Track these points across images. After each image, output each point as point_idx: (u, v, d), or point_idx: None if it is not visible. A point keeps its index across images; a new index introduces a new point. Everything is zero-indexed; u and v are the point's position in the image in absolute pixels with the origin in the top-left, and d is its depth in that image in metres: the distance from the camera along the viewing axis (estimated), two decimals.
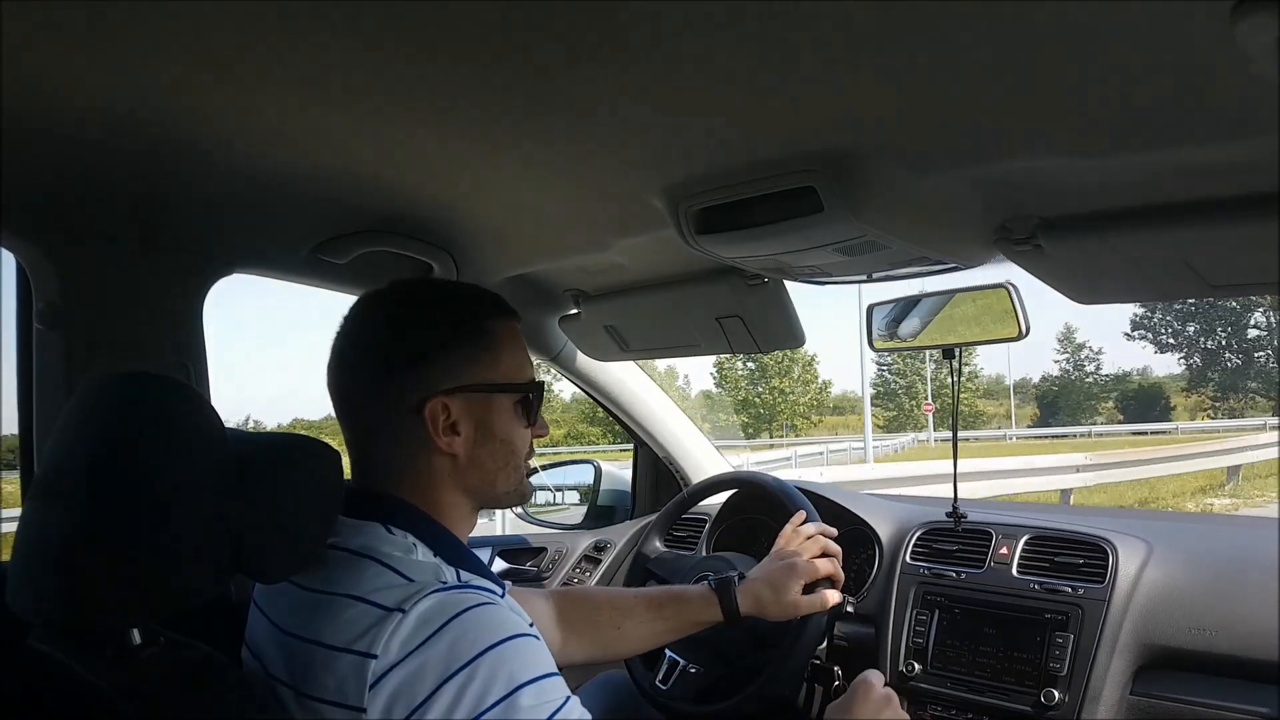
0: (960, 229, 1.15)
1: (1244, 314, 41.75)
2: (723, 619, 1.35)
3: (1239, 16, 0.60)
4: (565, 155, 1.04)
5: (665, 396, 2.22)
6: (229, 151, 1.02)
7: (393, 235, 1.37)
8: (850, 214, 1.01)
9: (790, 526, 1.46)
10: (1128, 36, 0.68)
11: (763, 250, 1.17)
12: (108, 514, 0.71)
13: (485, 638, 0.77)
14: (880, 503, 1.85)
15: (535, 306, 1.83)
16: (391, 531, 0.87)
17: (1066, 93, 0.79)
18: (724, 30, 0.71)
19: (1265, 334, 42.05)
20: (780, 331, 1.61)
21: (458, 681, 0.74)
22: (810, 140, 0.95)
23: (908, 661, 1.53)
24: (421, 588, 0.80)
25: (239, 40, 0.75)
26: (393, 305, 0.95)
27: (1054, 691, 1.35)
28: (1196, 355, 44.26)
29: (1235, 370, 42.87)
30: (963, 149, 0.94)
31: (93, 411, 0.76)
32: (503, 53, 0.77)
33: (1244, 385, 42.70)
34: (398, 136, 0.99)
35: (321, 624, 0.81)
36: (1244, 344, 42.89)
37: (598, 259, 1.50)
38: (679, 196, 1.11)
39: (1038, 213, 1.10)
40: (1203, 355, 43.97)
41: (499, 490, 0.96)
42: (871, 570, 1.67)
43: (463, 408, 0.91)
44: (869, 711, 1.13)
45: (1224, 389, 43.42)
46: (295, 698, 0.81)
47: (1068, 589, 1.42)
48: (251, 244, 1.39)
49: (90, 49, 0.77)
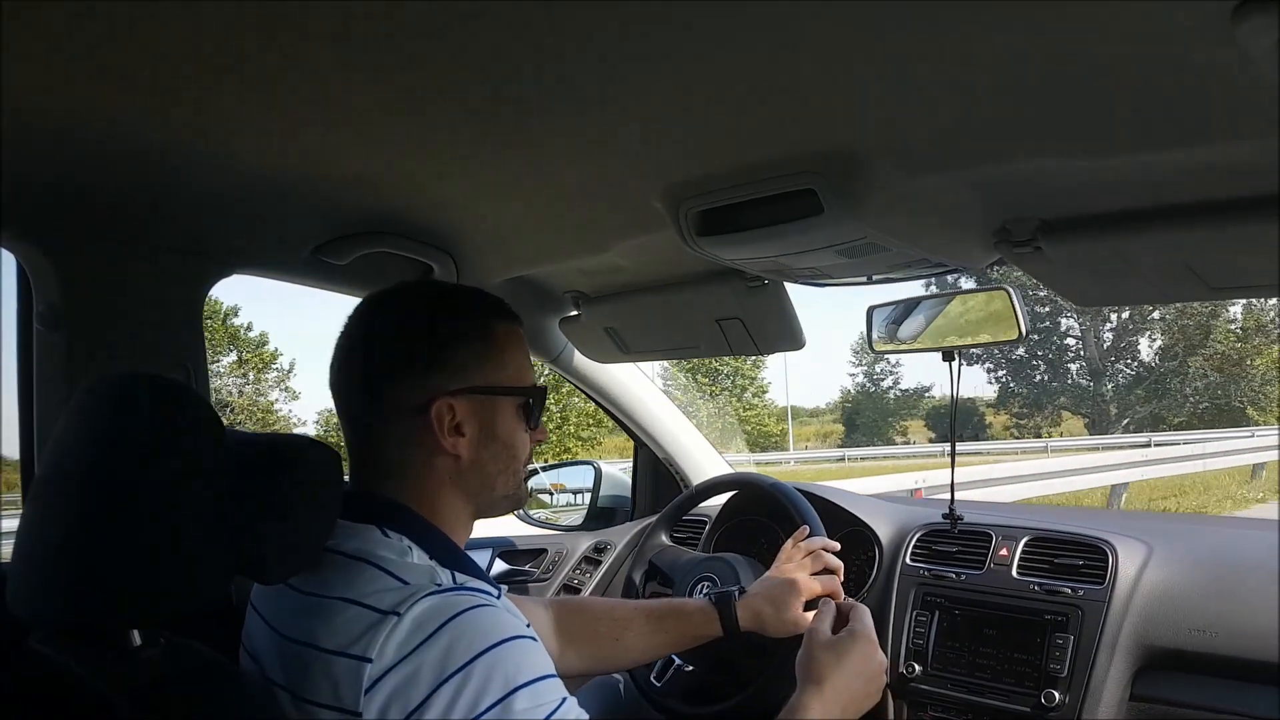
0: (960, 231, 1.15)
1: (1054, 318, 36.42)
2: (722, 634, 1.36)
3: (1240, 18, 0.61)
4: (565, 157, 1.04)
5: (665, 398, 2.23)
6: (229, 153, 1.02)
7: (393, 236, 1.37)
8: (850, 216, 1.01)
9: (792, 541, 1.46)
10: (1129, 38, 0.68)
11: (763, 252, 1.17)
12: (108, 515, 0.71)
13: (481, 640, 0.77)
14: (880, 504, 1.85)
15: (535, 308, 1.83)
16: (387, 534, 0.87)
17: (1066, 94, 0.79)
18: (724, 32, 0.71)
19: (1076, 341, 36.88)
20: (780, 333, 1.61)
21: (453, 684, 0.74)
22: (810, 142, 0.95)
23: (908, 663, 1.53)
24: (416, 590, 0.80)
25: (239, 43, 0.75)
26: (399, 307, 0.96)
27: (1054, 693, 1.35)
28: (1004, 370, 38.64)
29: (1041, 385, 38.09)
30: (963, 151, 0.94)
31: (93, 413, 0.76)
32: (504, 55, 0.77)
33: (1052, 402, 37.83)
34: (398, 138, 0.99)
35: (317, 627, 0.81)
36: (1052, 355, 37.65)
37: (598, 261, 1.50)
38: (679, 198, 1.11)
39: (1038, 214, 1.10)
40: (1010, 368, 38.39)
41: (497, 494, 0.96)
42: (871, 572, 1.67)
43: (468, 409, 0.91)
44: (859, 666, 1.14)
45: (1031, 404, 38.54)
46: (292, 701, 0.81)
47: (1067, 590, 1.42)
48: (252, 245, 1.39)
49: (91, 52, 0.77)
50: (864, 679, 1.15)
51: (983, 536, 1.58)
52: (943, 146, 0.94)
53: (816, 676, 1.13)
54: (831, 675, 1.12)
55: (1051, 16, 0.66)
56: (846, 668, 1.13)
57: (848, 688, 1.13)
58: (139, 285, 1.26)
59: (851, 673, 1.13)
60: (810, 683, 1.12)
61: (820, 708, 1.09)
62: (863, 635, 1.18)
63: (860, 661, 1.15)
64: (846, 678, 1.13)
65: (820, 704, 1.10)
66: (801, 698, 1.11)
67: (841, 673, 1.13)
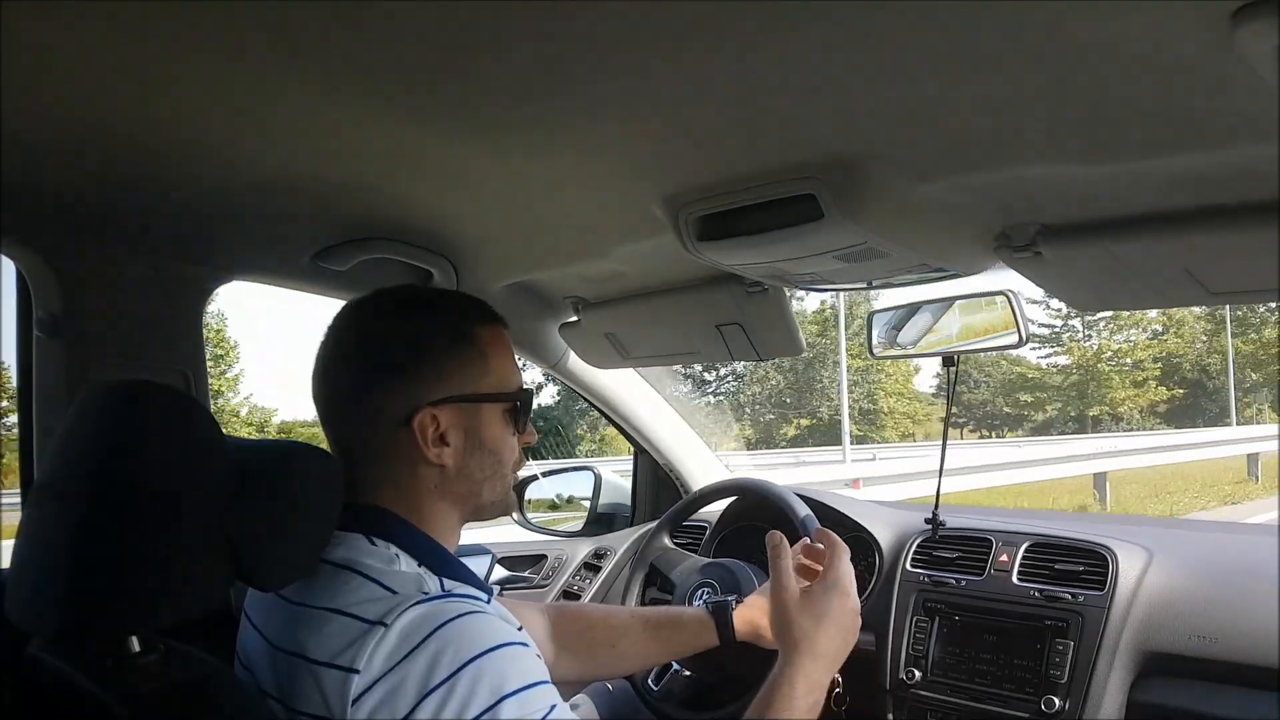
0: (960, 236, 1.15)
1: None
2: (718, 644, 1.35)
3: (1239, 23, 0.61)
4: (566, 162, 1.04)
5: (665, 404, 2.23)
6: (229, 160, 1.02)
7: (392, 242, 1.37)
8: (850, 221, 1.01)
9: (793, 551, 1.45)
10: (1128, 43, 0.68)
11: (763, 257, 1.17)
12: (107, 522, 0.71)
13: (469, 648, 0.76)
14: (880, 509, 1.85)
15: (535, 314, 1.83)
16: (374, 543, 0.86)
17: (1066, 100, 0.79)
18: (724, 37, 0.71)
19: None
20: (780, 339, 1.61)
21: (440, 694, 0.74)
22: (810, 148, 0.95)
23: (908, 669, 1.52)
24: (404, 600, 0.78)
25: (238, 49, 0.75)
26: (377, 314, 0.93)
27: (1054, 699, 1.35)
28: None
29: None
30: (963, 157, 0.95)
31: (92, 420, 0.76)
32: (503, 60, 0.77)
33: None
34: (398, 144, 0.99)
35: (305, 638, 0.80)
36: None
37: (598, 266, 1.50)
38: (679, 204, 1.11)
39: (1038, 220, 1.10)
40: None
41: (485, 500, 0.95)
42: (872, 578, 1.67)
43: (452, 418, 0.90)
44: (837, 622, 1.08)
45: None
46: (284, 711, 0.81)
47: (1068, 596, 1.42)
48: (251, 252, 1.39)
49: (90, 58, 0.77)
50: (842, 631, 1.08)
51: (983, 542, 1.58)
52: (943, 152, 0.94)
53: (794, 641, 1.06)
54: (809, 637, 1.06)
55: (1052, 23, 0.66)
56: (824, 625, 1.07)
57: (829, 645, 1.06)
58: (139, 292, 1.26)
59: (830, 628, 1.07)
60: (789, 649, 1.06)
61: (804, 677, 1.03)
62: (834, 586, 1.10)
63: (836, 614, 1.08)
64: (826, 636, 1.06)
65: (802, 671, 1.03)
66: (784, 671, 1.04)
67: (820, 631, 1.06)
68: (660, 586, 1.68)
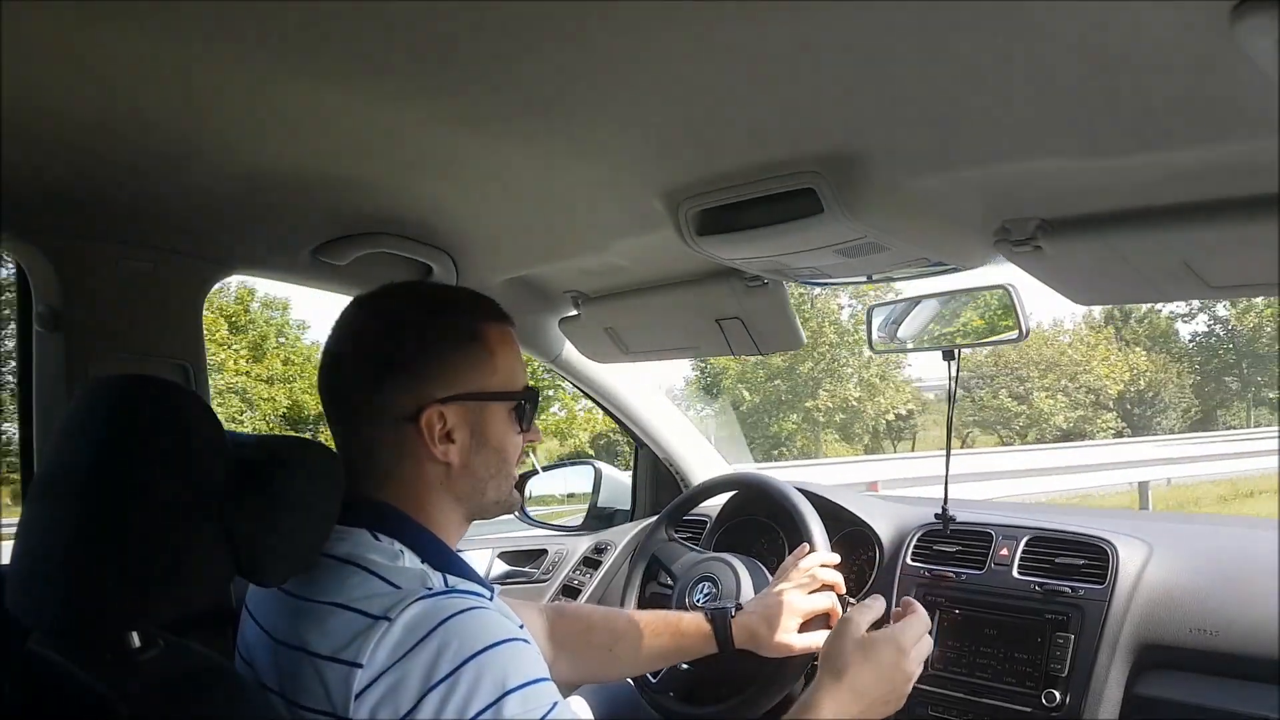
0: (960, 230, 1.15)
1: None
2: (717, 650, 1.36)
3: (1239, 17, 0.60)
4: (565, 156, 1.04)
5: (665, 399, 2.23)
6: (228, 154, 1.02)
7: (392, 237, 1.37)
8: (850, 215, 1.01)
9: (793, 559, 1.45)
10: (1127, 37, 0.68)
11: (763, 252, 1.17)
12: (107, 517, 0.71)
13: (472, 644, 0.76)
14: (880, 503, 1.85)
15: (535, 308, 1.83)
16: (378, 538, 0.86)
17: (1066, 94, 0.79)
18: (724, 32, 0.71)
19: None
20: (780, 333, 1.61)
21: (443, 688, 0.74)
22: (810, 142, 0.95)
23: None
24: (407, 595, 0.79)
25: (237, 43, 0.75)
26: (385, 311, 0.94)
27: (1055, 692, 1.35)
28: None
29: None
30: (962, 150, 0.94)
31: (92, 414, 0.76)
32: (502, 55, 0.76)
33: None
34: (398, 138, 0.99)
35: (308, 632, 0.81)
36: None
37: (597, 260, 1.50)
38: (679, 198, 1.11)
39: (1038, 214, 1.10)
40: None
41: (488, 499, 0.95)
42: (872, 572, 1.67)
43: (458, 416, 0.90)
44: (885, 670, 1.11)
45: None
46: (286, 706, 0.81)
47: (1068, 590, 1.42)
48: (251, 246, 1.39)
49: (89, 52, 0.77)
50: (887, 683, 1.11)
51: (983, 536, 1.58)
52: (943, 146, 0.94)
53: (837, 669, 1.10)
54: (854, 671, 1.09)
55: (1051, 17, 0.66)
56: (871, 667, 1.10)
57: (868, 688, 1.09)
58: (138, 286, 1.26)
59: (875, 674, 1.10)
60: (829, 674, 1.10)
61: (834, 704, 1.06)
62: (896, 640, 1.13)
63: (888, 666, 1.11)
64: (869, 678, 1.09)
65: (835, 700, 1.07)
66: (817, 691, 1.08)
67: (865, 671, 1.09)
68: (661, 580, 1.68)
